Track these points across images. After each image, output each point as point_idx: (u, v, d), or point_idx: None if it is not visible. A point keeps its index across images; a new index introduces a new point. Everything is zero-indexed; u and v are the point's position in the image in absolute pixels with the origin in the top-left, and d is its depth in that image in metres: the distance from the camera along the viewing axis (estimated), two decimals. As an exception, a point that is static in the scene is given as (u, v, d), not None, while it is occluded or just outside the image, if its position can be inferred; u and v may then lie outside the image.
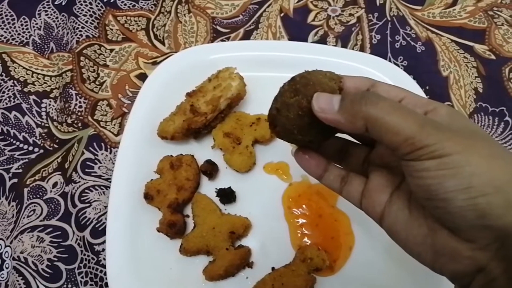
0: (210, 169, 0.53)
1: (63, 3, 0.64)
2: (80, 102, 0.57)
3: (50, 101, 0.58)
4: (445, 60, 0.61)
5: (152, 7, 0.64)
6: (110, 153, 0.55)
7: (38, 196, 0.53)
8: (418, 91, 0.54)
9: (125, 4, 0.64)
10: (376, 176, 0.33)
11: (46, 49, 0.61)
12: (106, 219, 0.50)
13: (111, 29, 0.62)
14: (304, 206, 0.52)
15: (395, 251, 0.48)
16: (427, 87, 0.58)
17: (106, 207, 0.52)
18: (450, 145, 0.24)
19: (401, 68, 0.59)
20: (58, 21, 0.63)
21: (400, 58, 0.61)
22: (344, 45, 0.62)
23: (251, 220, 0.51)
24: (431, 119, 0.26)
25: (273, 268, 0.48)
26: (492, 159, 0.24)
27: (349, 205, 0.51)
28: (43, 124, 0.57)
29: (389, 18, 0.63)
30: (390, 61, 0.60)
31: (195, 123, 0.53)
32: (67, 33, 0.61)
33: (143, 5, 0.64)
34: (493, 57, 0.61)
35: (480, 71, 0.60)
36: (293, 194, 0.53)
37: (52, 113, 0.57)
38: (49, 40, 0.62)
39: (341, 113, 0.28)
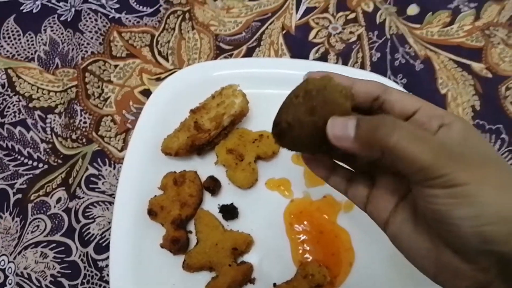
0: (213, 185, 0.53)
1: (69, 20, 0.65)
2: (84, 118, 0.58)
3: (55, 117, 0.59)
4: (443, 78, 0.62)
5: (156, 24, 0.65)
6: (114, 168, 0.56)
7: (42, 211, 0.53)
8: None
9: (129, 21, 0.65)
10: (382, 183, 0.33)
11: (52, 65, 0.62)
12: (109, 235, 0.50)
13: (116, 45, 0.63)
14: (305, 222, 0.53)
15: (395, 267, 0.50)
16: (426, 105, 0.59)
17: (109, 222, 0.52)
18: (463, 176, 0.25)
19: (401, 86, 0.61)
20: (63, 37, 0.64)
21: (400, 76, 0.62)
22: (345, 63, 0.63)
23: (253, 236, 0.51)
24: (446, 147, 0.26)
25: (274, 284, 0.49)
26: (502, 190, 0.25)
27: (349, 222, 0.53)
28: (47, 139, 0.57)
29: (388, 37, 0.64)
30: (390, 78, 0.61)
31: (198, 139, 0.54)
32: (72, 49, 0.62)
33: (147, 21, 0.65)
34: (489, 75, 0.62)
35: (477, 89, 0.61)
36: (294, 210, 0.53)
37: (56, 128, 0.58)
38: (54, 56, 0.63)
39: (356, 141, 0.27)
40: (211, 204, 0.54)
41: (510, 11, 0.66)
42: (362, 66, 0.63)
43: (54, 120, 0.59)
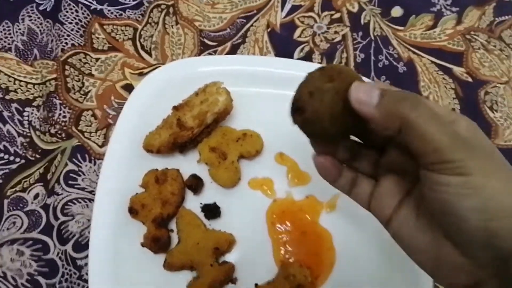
0: (195, 184, 0.53)
1: (48, 9, 0.63)
2: (64, 112, 0.56)
3: (33, 110, 0.57)
4: (425, 81, 0.63)
5: (139, 17, 0.64)
6: (94, 164, 0.55)
7: (18, 207, 0.52)
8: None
9: (111, 13, 0.64)
10: (386, 181, 0.34)
11: (30, 56, 0.60)
12: (89, 232, 0.50)
13: (97, 38, 0.62)
14: (287, 222, 0.53)
15: (376, 268, 0.50)
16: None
17: (89, 220, 0.51)
18: (473, 165, 0.25)
19: (384, 88, 0.61)
20: (42, 27, 0.62)
21: (383, 78, 0.63)
22: (329, 62, 0.63)
23: (235, 235, 0.51)
24: (460, 134, 0.27)
25: (256, 285, 0.49)
26: (509, 184, 0.26)
27: (331, 222, 0.53)
28: (25, 133, 0.56)
29: (372, 38, 0.65)
30: (373, 79, 0.62)
31: (181, 137, 0.53)
32: (52, 40, 0.60)
33: (130, 14, 0.64)
34: (470, 79, 0.63)
35: (458, 93, 0.62)
36: (277, 210, 0.54)
37: (34, 122, 0.56)
38: (32, 47, 0.61)
39: (378, 109, 0.27)
40: (193, 203, 0.53)
41: (490, 17, 0.67)
42: (346, 66, 0.63)
43: (32, 113, 0.57)
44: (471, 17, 0.67)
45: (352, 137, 0.36)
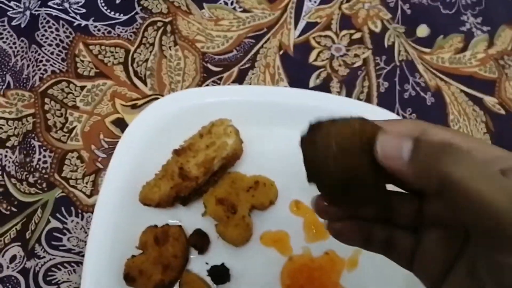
0: (201, 243, 0.46)
1: (23, 25, 0.53)
2: (44, 156, 0.48)
3: (6, 152, 0.48)
4: (455, 114, 0.56)
5: (131, 36, 0.55)
6: (82, 219, 0.47)
7: (-8, 273, 0.44)
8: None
9: (98, 30, 0.54)
10: (430, 238, 0.27)
11: (1, 83, 0.51)
12: (78, 305, 0.43)
13: (82, 61, 0.53)
14: (304, 284, 0.47)
15: None
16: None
17: (77, 288, 0.44)
18: None
19: (410, 123, 0.54)
20: (16, 47, 0.52)
21: (409, 110, 0.56)
22: (349, 91, 0.56)
23: (246, 303, 0.45)
24: None
25: None
26: None
27: (353, 282, 0.47)
28: (-2, 181, 0.48)
29: (397, 63, 0.57)
30: (398, 113, 0.55)
31: (184, 189, 0.46)
32: (28, 66, 0.51)
33: (121, 32, 0.55)
34: (502, 111, 0.57)
35: (489, 127, 0.56)
36: (293, 270, 0.47)
37: (9, 167, 0.48)
38: (4, 72, 0.51)
39: (411, 165, 0.22)
40: (197, 263, 0.46)
41: (525, 38, 0.60)
42: (368, 97, 0.56)
43: (5, 156, 0.48)
44: (504, 38, 0.61)
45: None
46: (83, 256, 0.44)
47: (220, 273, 0.46)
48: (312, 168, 0.25)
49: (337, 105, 0.52)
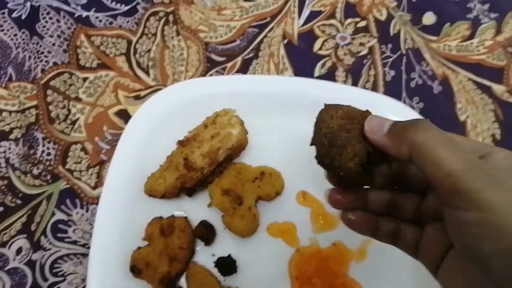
0: (207, 234, 0.46)
1: (23, 17, 0.52)
2: (48, 148, 0.48)
3: (10, 144, 0.48)
4: (462, 102, 0.55)
5: (133, 26, 0.54)
6: (87, 211, 0.47)
7: (-2, 266, 0.44)
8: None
9: (100, 21, 0.54)
10: (430, 230, 0.31)
11: (3, 76, 0.50)
12: (84, 297, 0.42)
13: (84, 52, 0.52)
14: (313, 275, 0.46)
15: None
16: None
17: (84, 280, 0.44)
18: (493, 199, 0.22)
19: (417, 111, 0.54)
20: (17, 39, 0.52)
21: (416, 99, 0.55)
22: (355, 81, 0.55)
23: (254, 294, 0.45)
24: (484, 163, 0.25)
25: None
26: None
27: (362, 273, 0.47)
28: (2, 174, 0.47)
29: (404, 52, 0.56)
30: (405, 102, 0.54)
31: (189, 180, 0.45)
32: (30, 58, 0.51)
33: (122, 23, 0.54)
34: (511, 99, 0.56)
35: (498, 116, 0.55)
36: (300, 261, 0.47)
37: (13, 159, 0.47)
38: (6, 65, 0.51)
39: (388, 136, 0.28)
40: (204, 255, 0.46)
41: (534, 25, 0.59)
42: (375, 86, 0.55)
43: (9, 148, 0.48)
44: (512, 25, 0.59)
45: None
46: (88, 248, 0.44)
47: (226, 264, 0.45)
48: (318, 128, 0.31)
49: (343, 95, 0.51)
